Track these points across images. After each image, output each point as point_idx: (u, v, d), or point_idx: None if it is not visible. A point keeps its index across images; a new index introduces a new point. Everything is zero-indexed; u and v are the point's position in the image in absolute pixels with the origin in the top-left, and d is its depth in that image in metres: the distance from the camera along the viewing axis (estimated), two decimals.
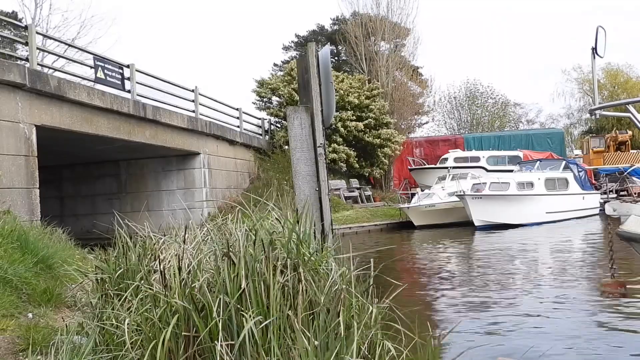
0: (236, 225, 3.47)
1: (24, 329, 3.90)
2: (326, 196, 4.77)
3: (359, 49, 29.91)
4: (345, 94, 23.68)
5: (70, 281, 4.99)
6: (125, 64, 14.04)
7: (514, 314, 7.00)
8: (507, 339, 5.84)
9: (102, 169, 17.60)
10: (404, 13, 30.71)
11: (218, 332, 2.74)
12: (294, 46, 38.34)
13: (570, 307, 7.22)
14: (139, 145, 14.51)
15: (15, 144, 9.61)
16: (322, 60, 4.86)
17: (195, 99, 17.61)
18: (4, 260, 4.85)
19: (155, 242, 3.92)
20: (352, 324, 2.95)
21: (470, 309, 7.33)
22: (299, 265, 3.11)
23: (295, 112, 4.82)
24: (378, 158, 25.07)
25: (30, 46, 11.07)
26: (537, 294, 8.22)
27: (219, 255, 3.16)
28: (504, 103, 43.32)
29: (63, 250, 6.32)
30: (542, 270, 10.64)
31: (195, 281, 3.04)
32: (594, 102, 5.09)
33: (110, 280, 3.76)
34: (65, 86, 11.01)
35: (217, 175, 17.93)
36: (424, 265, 11.81)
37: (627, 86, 38.53)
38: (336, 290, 3.02)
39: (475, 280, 9.88)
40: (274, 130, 24.88)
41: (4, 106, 9.46)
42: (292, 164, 4.84)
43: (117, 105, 12.70)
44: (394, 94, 29.21)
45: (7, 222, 6.23)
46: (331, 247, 3.80)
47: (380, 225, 21.22)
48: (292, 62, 27.17)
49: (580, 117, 42.99)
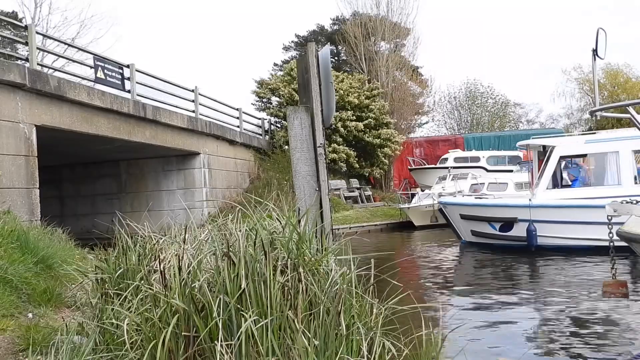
0: (236, 225, 3.47)
1: (24, 329, 3.89)
2: (326, 196, 4.77)
3: (358, 49, 29.92)
4: (345, 94, 23.69)
5: (70, 281, 4.99)
6: (125, 64, 14.04)
7: (514, 314, 7.01)
8: (507, 339, 5.84)
9: (102, 169, 17.59)
10: (404, 13, 30.76)
11: (218, 332, 2.74)
12: (294, 46, 38.34)
13: (570, 307, 7.22)
14: (139, 145, 14.51)
15: (15, 144, 9.61)
16: (322, 60, 4.85)
17: (195, 99, 17.61)
18: (4, 260, 4.85)
19: (156, 242, 3.92)
20: (352, 324, 2.95)
21: (471, 309, 7.33)
22: (299, 265, 3.11)
23: (295, 112, 4.82)
24: (378, 158, 25.08)
25: (30, 46, 11.06)
26: (537, 294, 8.22)
27: (219, 255, 3.16)
28: (504, 103, 43.32)
29: (63, 250, 6.32)
30: (542, 270, 10.64)
31: (196, 281, 3.04)
32: (594, 104, 5.10)
33: (110, 280, 3.76)
34: (65, 86, 11.00)
35: (217, 175, 17.93)
36: (424, 265, 11.81)
37: (627, 86, 38.50)
38: (336, 290, 3.02)
39: (476, 281, 9.88)
40: (274, 130, 24.89)
41: (4, 106, 9.46)
42: (292, 164, 4.84)
43: (117, 105, 12.69)
44: (394, 94, 29.22)
45: (7, 222, 6.23)
46: (331, 247, 3.80)
47: (380, 225, 21.24)
48: (292, 62, 27.17)
49: (581, 117, 42.94)
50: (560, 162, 12.94)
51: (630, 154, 12.13)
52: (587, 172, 13.34)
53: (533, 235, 11.62)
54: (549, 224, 11.63)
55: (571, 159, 13.43)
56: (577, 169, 13.45)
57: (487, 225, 12.53)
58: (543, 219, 11.72)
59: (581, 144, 13.19)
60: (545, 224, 11.65)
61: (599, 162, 12.87)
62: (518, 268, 10.87)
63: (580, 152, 13.10)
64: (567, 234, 11.56)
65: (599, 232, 10.97)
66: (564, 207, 11.73)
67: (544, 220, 11.70)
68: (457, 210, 13.28)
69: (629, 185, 11.89)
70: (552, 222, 11.64)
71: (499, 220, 12.32)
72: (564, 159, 13.13)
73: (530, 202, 11.96)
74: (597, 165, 12.95)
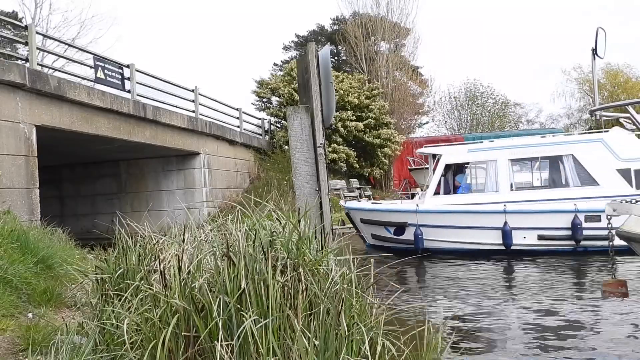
0: (236, 226, 3.47)
1: (24, 329, 3.89)
2: (326, 196, 4.77)
3: (358, 49, 29.91)
4: (345, 94, 23.67)
5: (70, 281, 4.99)
6: (125, 64, 14.04)
7: (514, 315, 7.01)
8: (507, 340, 5.84)
9: (102, 169, 17.58)
10: (404, 13, 30.75)
11: (218, 332, 2.74)
12: (294, 46, 38.34)
13: (571, 307, 7.22)
14: (139, 145, 14.51)
15: (15, 144, 9.61)
16: (322, 60, 4.86)
17: (195, 99, 17.61)
18: (4, 260, 4.85)
19: (155, 242, 3.92)
20: (352, 324, 2.95)
21: (471, 310, 7.33)
22: (299, 265, 3.11)
23: (295, 112, 4.83)
24: (378, 158, 25.07)
25: (30, 46, 11.06)
26: (537, 294, 8.22)
27: (219, 255, 3.16)
28: (504, 103, 43.27)
29: (63, 250, 6.32)
30: (542, 270, 10.64)
31: (195, 281, 3.04)
32: (594, 103, 5.10)
33: (110, 280, 3.77)
34: (65, 86, 11.00)
35: (217, 175, 17.93)
36: (424, 265, 11.81)
37: (627, 86, 38.50)
38: (336, 290, 3.02)
39: (476, 281, 9.88)
40: (274, 130, 24.88)
41: (4, 106, 9.46)
42: (292, 164, 4.84)
43: (117, 105, 12.69)
44: (394, 94, 29.22)
45: (7, 222, 6.23)
46: (331, 247, 3.80)
47: None
48: (292, 62, 27.15)
49: (581, 117, 42.94)
50: (448, 170, 13.84)
51: (507, 162, 13.03)
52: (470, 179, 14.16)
53: (419, 239, 12.21)
54: (433, 228, 12.29)
55: (463, 166, 14.15)
56: (462, 177, 14.15)
57: (384, 229, 13.05)
58: (428, 224, 12.35)
59: (464, 152, 14.02)
60: (430, 228, 12.31)
61: (479, 170, 13.80)
62: (519, 267, 10.91)
63: (464, 160, 13.94)
64: (449, 238, 12.23)
65: (478, 237, 12.09)
66: (445, 212, 12.45)
67: (429, 225, 12.34)
68: (358, 215, 13.73)
69: (506, 192, 12.87)
70: (435, 226, 12.31)
71: (393, 224, 12.87)
72: (450, 166, 13.96)
73: (418, 207, 12.56)
74: (478, 173, 13.85)
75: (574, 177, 12.75)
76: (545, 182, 13.37)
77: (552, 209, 12.09)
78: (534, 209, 12.22)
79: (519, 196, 12.73)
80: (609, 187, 12.21)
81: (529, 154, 13.17)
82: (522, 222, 12.02)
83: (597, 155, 12.61)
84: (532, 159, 13.24)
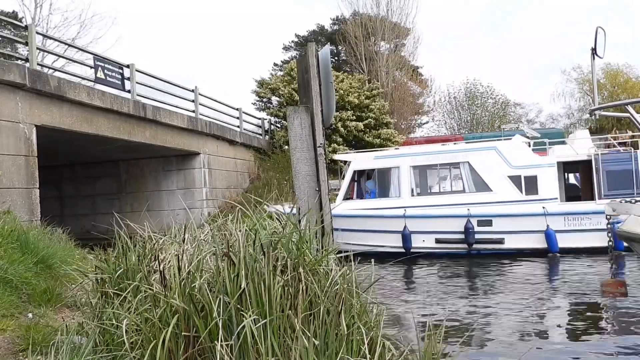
0: (236, 225, 3.47)
1: (24, 329, 3.89)
2: (326, 196, 4.77)
3: (358, 49, 29.91)
4: (345, 94, 23.67)
5: (70, 281, 4.98)
6: (125, 64, 14.03)
7: (514, 315, 7.01)
8: (507, 340, 5.85)
9: (102, 169, 17.58)
10: (404, 13, 30.77)
11: (218, 332, 2.74)
12: (294, 46, 38.31)
13: (571, 307, 7.22)
14: (139, 145, 14.51)
15: (15, 144, 9.61)
16: (322, 60, 4.86)
17: (195, 99, 17.61)
18: (4, 260, 4.85)
19: (155, 242, 3.92)
20: (352, 323, 2.95)
21: (471, 310, 7.34)
22: (299, 265, 3.11)
23: (295, 112, 4.83)
24: None
25: (30, 46, 11.05)
26: (537, 294, 8.23)
27: (219, 255, 3.16)
28: (504, 103, 43.22)
29: (63, 250, 6.32)
30: (542, 270, 10.65)
31: (195, 281, 3.04)
32: (593, 103, 5.11)
33: (110, 280, 3.76)
34: (65, 86, 11.00)
35: (217, 175, 17.93)
36: (424, 265, 11.81)
37: (627, 86, 38.44)
38: (336, 290, 3.02)
39: (476, 281, 9.89)
40: (274, 130, 24.88)
41: (4, 106, 9.46)
42: (292, 164, 4.84)
43: (117, 105, 12.69)
44: (394, 94, 29.23)
45: (7, 222, 6.23)
46: (331, 247, 3.79)
47: None
48: (292, 62, 27.14)
49: (580, 117, 42.87)
50: (361, 175, 14.57)
51: (408, 168, 13.71)
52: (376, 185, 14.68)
53: None
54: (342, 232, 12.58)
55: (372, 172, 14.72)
56: (372, 182, 14.68)
57: None
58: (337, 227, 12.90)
59: (371, 159, 14.68)
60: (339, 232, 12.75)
61: (385, 176, 14.38)
62: (519, 267, 10.91)
63: (370, 167, 14.58)
64: (355, 241, 12.41)
65: (381, 240, 12.56)
66: (351, 216, 12.94)
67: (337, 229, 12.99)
68: None
69: (407, 197, 13.54)
70: (343, 230, 12.66)
71: None
72: (360, 173, 14.62)
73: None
74: (385, 179, 14.40)
75: (470, 183, 13.39)
76: (444, 188, 14.04)
77: (447, 214, 12.67)
78: (431, 213, 12.80)
79: (420, 201, 13.36)
80: (501, 193, 12.96)
81: (430, 161, 13.84)
82: (420, 226, 12.68)
83: (490, 163, 13.27)
84: (432, 166, 13.89)
